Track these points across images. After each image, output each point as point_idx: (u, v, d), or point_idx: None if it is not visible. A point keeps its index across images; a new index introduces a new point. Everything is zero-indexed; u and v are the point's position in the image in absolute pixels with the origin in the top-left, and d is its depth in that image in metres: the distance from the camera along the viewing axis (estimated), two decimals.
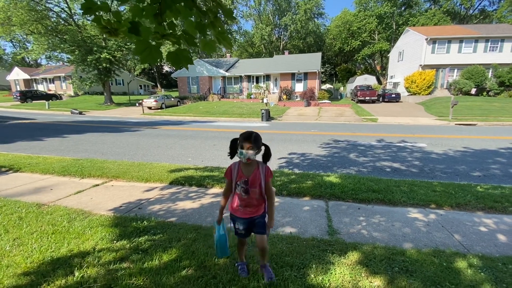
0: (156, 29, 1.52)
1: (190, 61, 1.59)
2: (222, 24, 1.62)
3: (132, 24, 1.42)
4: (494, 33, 25.65)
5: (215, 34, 1.63)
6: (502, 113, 17.44)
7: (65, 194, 4.33)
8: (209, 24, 1.59)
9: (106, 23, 1.45)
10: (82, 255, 2.53)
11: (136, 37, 1.45)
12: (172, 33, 1.56)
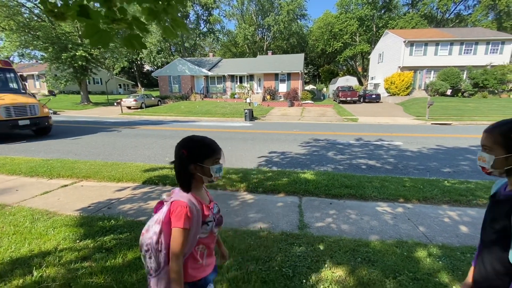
0: (106, 13, 1.49)
1: (144, 46, 1.59)
2: (175, 11, 1.61)
3: (81, 7, 1.39)
4: (469, 36, 26.91)
5: (170, 22, 1.62)
6: (476, 113, 18.32)
7: (31, 195, 4.15)
8: (162, 11, 1.57)
9: (53, 6, 1.40)
10: (43, 255, 2.43)
11: (86, 20, 1.41)
12: (123, 18, 1.54)
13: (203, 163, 1.20)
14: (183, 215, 1.13)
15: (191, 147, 1.21)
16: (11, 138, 9.55)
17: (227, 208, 3.66)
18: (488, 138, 1.07)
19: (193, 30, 47.36)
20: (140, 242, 1.24)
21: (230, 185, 4.46)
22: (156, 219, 1.21)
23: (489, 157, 1.07)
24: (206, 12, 47.96)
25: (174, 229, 1.14)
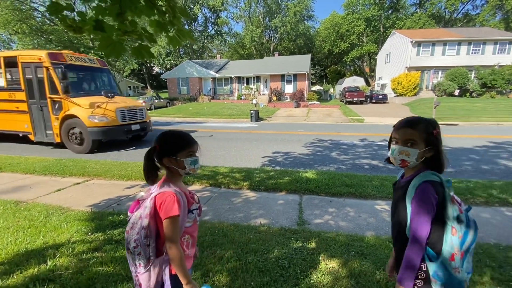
0: (119, 26, 1.66)
1: (152, 55, 1.75)
2: (180, 23, 1.77)
3: (96, 22, 1.56)
4: (477, 36, 26.54)
5: (175, 32, 1.78)
6: (483, 113, 18.08)
7: (45, 192, 4.38)
8: (168, 23, 1.74)
9: (71, 22, 1.58)
10: (56, 247, 2.62)
11: (101, 33, 1.59)
12: (134, 30, 1.71)
13: (176, 156, 1.25)
14: (174, 203, 1.18)
15: (164, 141, 1.28)
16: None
17: (230, 205, 3.81)
18: (415, 133, 1.17)
19: (201, 32, 47.90)
20: (126, 240, 1.25)
21: (234, 183, 4.61)
22: (140, 215, 1.23)
23: (413, 151, 1.16)
24: (214, 15, 48.40)
25: (167, 220, 1.17)
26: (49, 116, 7.82)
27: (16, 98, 7.99)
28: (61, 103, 7.64)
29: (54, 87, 7.55)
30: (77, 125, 7.64)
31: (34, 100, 7.89)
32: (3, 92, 8.13)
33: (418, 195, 1.12)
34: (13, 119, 8.23)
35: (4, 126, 8.51)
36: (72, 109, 7.58)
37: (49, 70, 7.45)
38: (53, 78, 7.46)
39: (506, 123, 14.97)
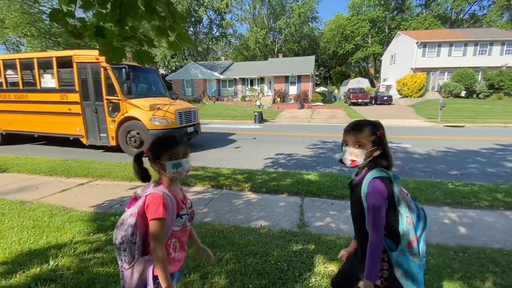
0: (119, 32, 1.68)
1: (152, 60, 1.77)
2: (181, 28, 1.79)
3: (97, 28, 1.59)
4: (483, 37, 26.23)
5: (175, 36, 1.80)
6: (490, 115, 17.84)
7: (49, 192, 4.44)
8: (168, 28, 1.76)
9: (72, 28, 1.61)
10: (59, 247, 2.66)
11: (102, 39, 1.62)
12: (134, 36, 1.73)
13: (160, 159, 1.27)
14: (160, 206, 1.19)
15: (152, 144, 1.32)
16: None
17: (231, 206, 3.82)
18: (362, 136, 1.28)
19: (206, 34, 48.17)
20: (115, 235, 1.28)
21: (236, 185, 4.62)
22: (131, 213, 1.26)
23: (361, 152, 1.26)
24: (219, 17, 48.67)
25: (152, 221, 1.19)
26: (105, 118, 7.50)
27: (68, 99, 7.68)
28: (118, 105, 7.34)
29: (111, 88, 7.29)
30: (136, 128, 7.33)
31: (88, 102, 7.57)
32: (54, 94, 7.82)
33: (370, 191, 1.21)
34: (64, 122, 7.89)
35: (54, 129, 8.17)
36: (131, 111, 7.29)
37: (107, 71, 7.19)
38: (111, 78, 7.20)
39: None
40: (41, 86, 7.95)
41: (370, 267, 1.20)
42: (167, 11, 1.65)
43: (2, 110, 8.53)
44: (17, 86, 8.22)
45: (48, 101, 7.92)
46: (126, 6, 1.50)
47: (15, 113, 8.40)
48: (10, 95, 8.34)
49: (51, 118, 8.02)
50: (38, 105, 8.04)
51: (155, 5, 1.63)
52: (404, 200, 1.22)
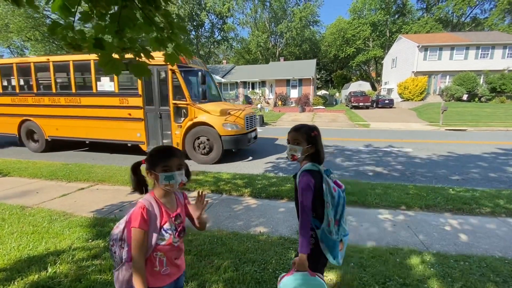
0: (118, 44, 1.69)
1: (149, 72, 1.77)
2: (179, 38, 1.80)
3: (96, 40, 1.60)
4: (485, 40, 26.23)
5: (173, 47, 1.81)
6: (492, 119, 17.76)
7: (50, 197, 4.45)
8: (167, 39, 1.77)
9: (71, 40, 1.62)
10: (58, 253, 2.66)
11: (101, 51, 1.62)
12: (132, 47, 1.74)
13: (154, 170, 1.27)
14: (139, 216, 1.20)
15: (149, 156, 1.33)
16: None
17: (230, 212, 3.81)
18: (299, 136, 1.57)
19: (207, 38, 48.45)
20: (109, 237, 1.35)
21: (235, 190, 4.61)
22: (124, 218, 1.32)
23: (299, 148, 1.56)
24: (221, 21, 48.96)
25: (132, 229, 1.21)
26: (169, 124, 7.09)
27: (129, 104, 7.22)
28: (186, 110, 6.95)
29: (178, 92, 6.96)
30: (206, 134, 6.96)
31: (152, 107, 7.14)
32: (112, 98, 7.35)
33: (300, 180, 1.51)
34: (123, 128, 7.40)
35: (110, 135, 7.68)
36: (201, 116, 6.91)
37: (176, 74, 6.83)
38: (179, 82, 6.87)
39: None
40: (97, 89, 7.47)
41: (302, 241, 1.48)
42: (165, 22, 1.67)
43: (50, 115, 7.98)
44: (68, 89, 7.75)
45: (105, 106, 7.45)
46: (125, 18, 1.51)
47: (64, 118, 7.88)
48: (60, 99, 7.80)
49: (108, 123, 7.54)
50: (93, 110, 7.57)
51: (154, 17, 1.64)
52: (328, 190, 1.50)
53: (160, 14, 1.68)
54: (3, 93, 8.46)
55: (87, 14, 1.52)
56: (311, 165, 1.55)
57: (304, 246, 1.47)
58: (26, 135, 8.51)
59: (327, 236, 1.51)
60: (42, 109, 8.02)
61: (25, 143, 8.60)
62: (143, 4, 1.63)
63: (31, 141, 8.58)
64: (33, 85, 7.99)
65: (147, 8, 1.66)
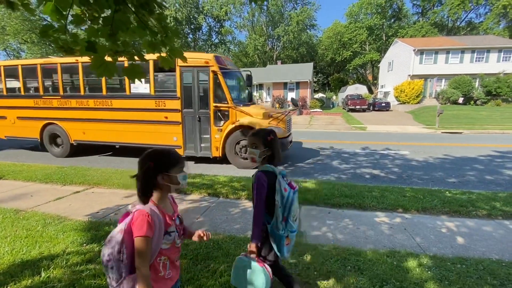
0: (111, 47, 1.68)
1: (143, 75, 1.76)
2: (173, 42, 1.80)
3: (88, 43, 1.58)
4: (480, 44, 26.53)
5: (167, 51, 1.80)
6: (488, 122, 17.92)
7: (44, 200, 4.40)
8: (160, 43, 1.76)
9: (63, 43, 1.61)
10: (51, 258, 2.62)
11: (93, 54, 1.61)
12: (126, 50, 1.73)
13: (170, 172, 1.28)
14: (145, 223, 1.18)
15: (157, 159, 1.29)
16: None
17: (227, 215, 3.79)
18: (256, 140, 1.74)
19: (205, 41, 48.65)
20: (102, 252, 1.25)
21: (232, 193, 4.59)
22: (119, 229, 1.23)
23: (256, 151, 1.72)
24: (218, 24, 49.21)
25: (137, 238, 1.18)
26: (208, 127, 6.84)
27: (166, 107, 6.94)
28: (227, 113, 6.73)
29: (218, 95, 6.78)
30: None
31: (190, 109, 6.86)
32: (148, 101, 7.08)
33: (255, 180, 1.69)
34: (158, 131, 7.12)
35: (143, 139, 7.31)
36: (243, 119, 6.68)
37: (217, 75, 6.62)
38: (221, 84, 6.63)
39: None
40: (130, 91, 7.19)
41: (253, 232, 1.69)
42: (159, 26, 1.66)
43: (77, 118, 7.65)
44: (98, 91, 7.47)
45: (139, 109, 7.17)
46: (118, 22, 1.50)
47: (92, 121, 7.54)
48: (89, 102, 7.48)
49: (141, 127, 7.22)
50: (125, 113, 7.26)
51: (147, 21, 1.63)
52: (279, 190, 1.64)
53: (153, 18, 1.67)
54: (26, 95, 8.06)
55: (79, 17, 1.51)
56: (266, 166, 1.73)
57: (254, 236, 1.68)
58: (49, 140, 8.13)
59: (274, 231, 1.69)
60: (69, 112, 7.68)
61: (47, 148, 8.22)
62: (137, 8, 1.63)
63: (53, 145, 8.22)
64: (59, 87, 7.64)
65: (141, 12, 1.65)
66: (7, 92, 8.22)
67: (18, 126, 8.26)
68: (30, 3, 1.55)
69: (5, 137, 8.55)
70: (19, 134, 8.40)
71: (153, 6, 1.70)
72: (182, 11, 42.76)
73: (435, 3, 43.03)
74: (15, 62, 8.00)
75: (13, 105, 8.16)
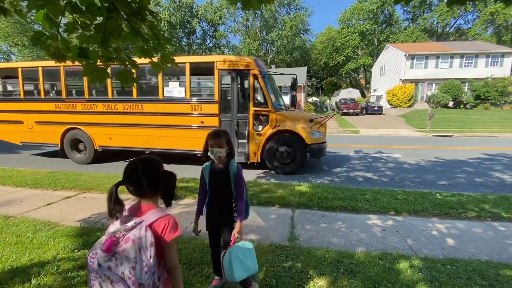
0: (103, 53, 1.69)
1: (135, 80, 1.78)
2: (165, 49, 1.82)
3: (80, 49, 1.59)
4: (469, 49, 27.21)
5: (159, 57, 1.82)
6: (477, 125, 18.31)
7: (35, 206, 4.32)
8: (152, 49, 1.78)
9: (55, 49, 1.61)
10: (42, 264, 2.57)
11: (85, 60, 1.62)
12: (118, 57, 1.75)
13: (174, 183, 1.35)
14: (176, 224, 1.24)
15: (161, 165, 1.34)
16: None
17: None
18: (222, 140, 1.98)
19: (199, 45, 48.77)
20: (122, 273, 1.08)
21: None
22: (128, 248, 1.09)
23: (223, 150, 1.98)
24: (212, 28, 49.43)
25: (172, 240, 1.21)
26: (246, 132, 6.65)
27: (203, 111, 6.73)
28: (267, 117, 6.59)
29: (257, 99, 6.64)
30: (290, 142, 6.58)
31: (228, 114, 6.68)
32: (183, 105, 6.84)
33: (239, 171, 2.04)
34: (193, 136, 6.83)
35: (177, 144, 7.05)
36: (284, 123, 6.56)
37: (258, 79, 6.47)
38: (261, 88, 6.50)
39: (501, 135, 15.14)
40: (163, 95, 6.96)
41: (241, 213, 2.02)
42: (151, 33, 1.68)
43: (103, 122, 7.33)
44: (128, 95, 7.23)
45: (173, 113, 6.92)
46: (110, 29, 1.51)
47: (121, 126, 7.24)
48: (117, 106, 7.17)
49: (174, 132, 6.94)
50: (158, 117, 7.01)
51: (139, 28, 1.64)
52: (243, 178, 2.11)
53: (145, 25, 1.69)
54: (46, 98, 7.69)
55: (72, 24, 1.52)
56: (232, 161, 2.06)
57: (242, 216, 2.04)
58: (71, 146, 7.73)
59: (248, 211, 2.23)
60: (94, 116, 7.36)
61: (68, 154, 7.79)
62: (129, 16, 1.65)
63: (75, 151, 7.83)
64: (84, 90, 7.31)
65: (133, 19, 1.67)
66: (24, 95, 7.74)
67: (36, 131, 7.79)
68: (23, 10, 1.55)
69: (20, 143, 8.11)
70: (37, 140, 7.94)
71: (145, 13, 1.72)
72: (176, 15, 42.83)
73: (425, 9, 44.06)
74: (36, 64, 7.56)
75: (32, 109, 7.70)
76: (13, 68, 7.85)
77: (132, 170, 1.27)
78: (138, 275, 1.08)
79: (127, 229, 1.13)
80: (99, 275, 1.08)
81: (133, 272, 1.07)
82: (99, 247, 1.10)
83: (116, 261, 1.07)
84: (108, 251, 1.07)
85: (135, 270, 1.07)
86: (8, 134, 8.12)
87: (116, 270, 1.07)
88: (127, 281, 1.06)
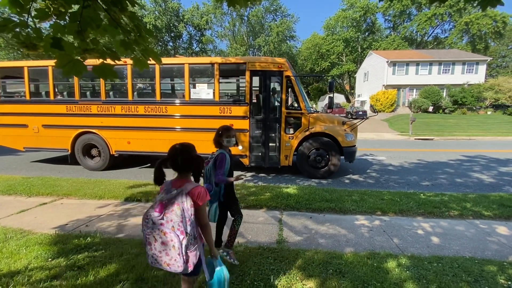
0: (79, 44, 1.59)
1: (115, 75, 1.66)
2: (146, 42, 1.73)
3: (54, 39, 1.48)
4: (446, 57, 28.45)
5: (140, 50, 1.73)
6: (456, 129, 19.04)
7: (6, 213, 4.05)
8: (133, 42, 1.69)
9: (25, 38, 1.50)
10: (11, 275, 2.38)
11: (59, 51, 1.50)
12: (95, 49, 1.64)
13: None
14: (206, 192, 1.65)
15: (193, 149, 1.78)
16: None
17: None
18: (233, 132, 2.53)
19: (185, 49, 48.44)
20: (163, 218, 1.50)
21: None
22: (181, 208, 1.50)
23: (234, 139, 2.54)
24: (199, 33, 49.29)
25: (204, 204, 1.63)
26: (278, 135, 6.40)
27: (232, 114, 6.44)
28: (299, 120, 6.39)
29: (289, 101, 6.40)
30: (324, 145, 6.38)
31: (259, 116, 6.43)
32: (211, 107, 6.52)
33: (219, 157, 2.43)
34: None
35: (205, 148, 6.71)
36: (318, 126, 6.38)
37: (291, 81, 6.30)
38: (294, 89, 6.32)
39: (478, 138, 15.79)
40: (190, 97, 6.63)
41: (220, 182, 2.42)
42: (132, 25, 1.60)
43: (121, 126, 6.85)
44: (151, 97, 6.80)
45: (200, 116, 6.58)
46: (87, 18, 1.42)
47: (141, 129, 6.80)
48: (138, 108, 6.73)
49: (201, 135, 6.47)
50: (183, 120, 6.64)
51: (119, 19, 1.56)
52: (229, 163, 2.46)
53: (126, 16, 1.61)
54: (56, 100, 7.08)
55: (43, 11, 1.41)
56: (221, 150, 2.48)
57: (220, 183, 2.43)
58: (83, 151, 7.18)
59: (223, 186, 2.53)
60: (111, 119, 6.85)
61: (79, 161, 7.21)
62: (108, 5, 1.56)
63: (87, 157, 7.28)
64: (101, 92, 6.85)
65: (112, 9, 1.58)
66: (30, 97, 7.11)
67: (43, 135, 7.16)
68: None
69: (23, 149, 7.45)
70: (43, 145, 7.27)
71: (125, 3, 1.64)
72: (162, 19, 42.46)
73: (405, 18, 45.77)
74: (45, 63, 6.99)
75: (38, 112, 7.07)
76: (18, 68, 7.29)
77: (173, 151, 1.68)
78: (184, 226, 1.50)
79: (172, 195, 1.53)
80: (154, 230, 1.50)
81: (181, 225, 1.49)
82: (151, 211, 1.52)
83: (167, 218, 1.49)
84: (161, 212, 1.51)
85: (182, 223, 1.49)
86: (10, 139, 7.39)
87: (167, 225, 1.48)
88: (176, 231, 1.48)
